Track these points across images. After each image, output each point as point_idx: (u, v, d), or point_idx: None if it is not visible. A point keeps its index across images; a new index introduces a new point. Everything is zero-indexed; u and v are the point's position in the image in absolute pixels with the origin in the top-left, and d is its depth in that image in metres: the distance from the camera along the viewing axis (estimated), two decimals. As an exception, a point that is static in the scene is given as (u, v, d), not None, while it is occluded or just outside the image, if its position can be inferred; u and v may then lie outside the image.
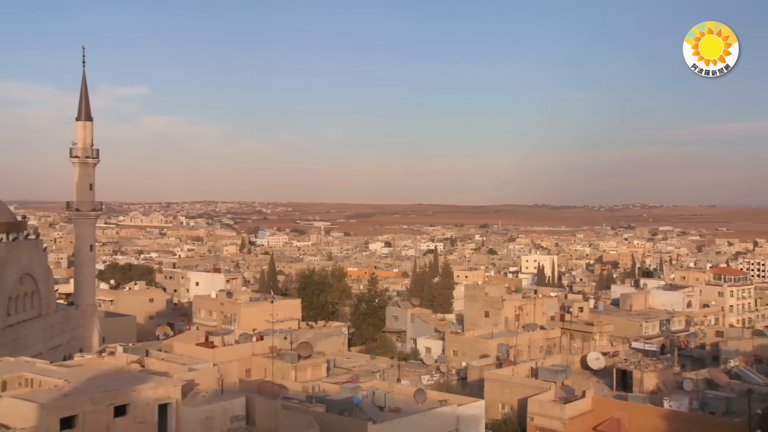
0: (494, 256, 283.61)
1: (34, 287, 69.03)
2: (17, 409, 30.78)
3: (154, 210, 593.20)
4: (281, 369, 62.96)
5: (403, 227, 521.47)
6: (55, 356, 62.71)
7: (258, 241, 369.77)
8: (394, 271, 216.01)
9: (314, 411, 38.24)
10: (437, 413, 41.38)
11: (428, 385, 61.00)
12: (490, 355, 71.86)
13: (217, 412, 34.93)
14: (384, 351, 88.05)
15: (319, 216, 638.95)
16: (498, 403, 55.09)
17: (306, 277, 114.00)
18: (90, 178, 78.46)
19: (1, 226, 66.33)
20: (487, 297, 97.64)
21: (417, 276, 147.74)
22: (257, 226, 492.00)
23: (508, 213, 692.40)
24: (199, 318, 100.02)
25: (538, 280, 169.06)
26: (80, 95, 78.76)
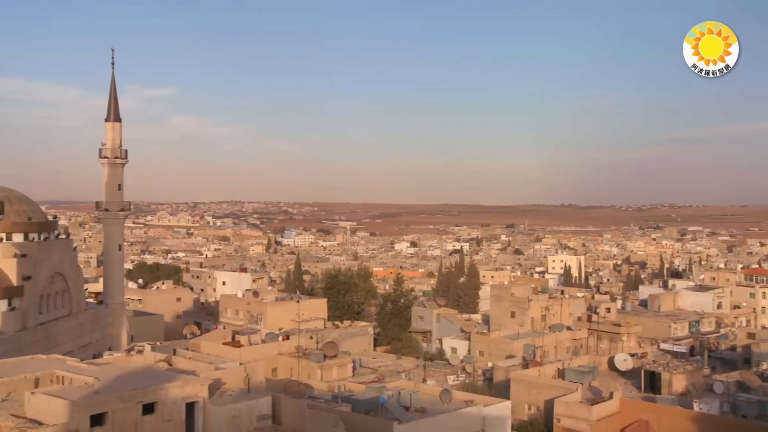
0: (520, 257, 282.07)
1: (64, 286, 70.00)
2: (49, 405, 31.25)
3: (182, 210, 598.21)
4: (307, 368, 63.21)
5: (429, 227, 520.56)
6: (85, 354, 63.54)
7: (284, 241, 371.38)
8: (420, 271, 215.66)
9: (340, 410, 38.32)
10: (463, 414, 41.26)
11: (454, 385, 60.87)
12: (516, 356, 71.50)
13: (244, 411, 35.14)
14: (409, 351, 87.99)
15: (344, 216, 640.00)
16: (524, 403, 54.79)
17: (332, 276, 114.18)
18: (119, 179, 79.33)
19: (33, 226, 67.34)
20: (513, 297, 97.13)
21: (443, 276, 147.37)
22: (283, 226, 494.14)
23: (534, 213, 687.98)
24: (226, 317, 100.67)
25: (564, 280, 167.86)
26: (109, 96, 79.66)
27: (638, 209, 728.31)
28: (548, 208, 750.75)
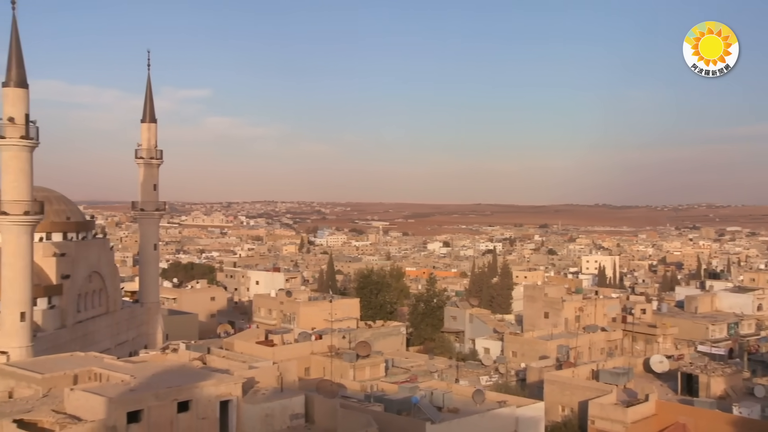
0: (554, 257, 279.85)
1: (101, 285, 71.11)
2: (87, 402, 31.76)
3: (216, 210, 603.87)
4: (340, 368, 63.35)
5: (462, 227, 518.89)
6: (122, 352, 64.46)
7: (317, 241, 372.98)
8: (453, 271, 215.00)
9: (372, 410, 38.35)
10: (496, 414, 41.05)
11: (487, 385, 60.57)
12: (549, 357, 70.92)
13: (277, 410, 35.33)
14: (442, 351, 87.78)
15: (377, 216, 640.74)
16: (558, 405, 54.29)
17: (364, 276, 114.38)
18: (154, 179, 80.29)
19: (72, 226, 68.53)
20: (546, 298, 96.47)
21: (475, 276, 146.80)
22: (316, 225, 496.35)
23: (568, 213, 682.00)
24: (259, 316, 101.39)
25: (598, 281, 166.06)
26: (145, 98, 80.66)
27: (674, 209, 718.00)
28: (582, 208, 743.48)
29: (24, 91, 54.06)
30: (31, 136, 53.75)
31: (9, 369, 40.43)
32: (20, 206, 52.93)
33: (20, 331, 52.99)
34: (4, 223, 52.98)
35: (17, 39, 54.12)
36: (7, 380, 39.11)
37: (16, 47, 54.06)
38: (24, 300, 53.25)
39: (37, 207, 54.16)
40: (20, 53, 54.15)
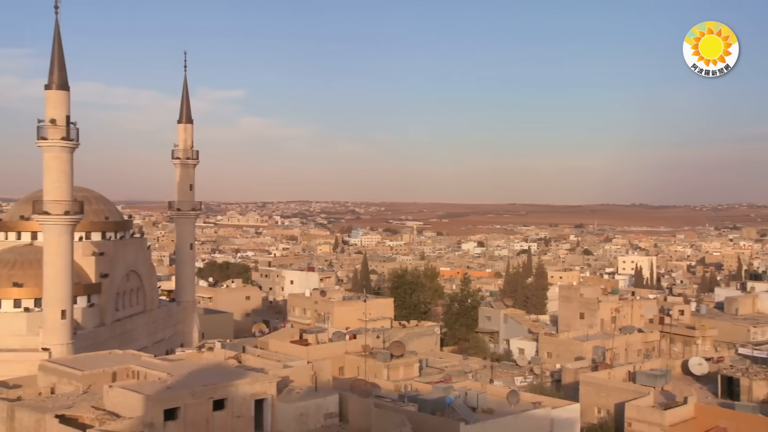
0: (590, 257, 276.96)
1: (139, 284, 72.13)
2: (126, 399, 32.27)
3: (251, 210, 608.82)
4: (374, 367, 63.45)
5: (496, 227, 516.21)
6: (158, 350, 65.31)
7: (351, 241, 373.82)
8: (487, 272, 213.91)
9: (406, 410, 38.37)
10: (531, 415, 40.80)
11: (521, 386, 60.21)
12: (585, 358, 70.25)
13: (311, 409, 35.51)
14: (476, 351, 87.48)
15: (411, 216, 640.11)
16: (594, 406, 53.73)
17: (399, 276, 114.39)
18: (190, 179, 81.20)
19: (110, 225, 69.62)
20: (582, 298, 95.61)
21: (510, 276, 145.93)
22: (350, 225, 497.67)
23: (604, 213, 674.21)
24: (294, 316, 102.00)
25: (635, 281, 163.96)
26: (181, 99, 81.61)
27: (714, 209, 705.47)
28: (618, 208, 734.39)
29: (65, 93, 55.14)
30: (72, 138, 54.81)
31: (51, 366, 41.27)
32: (61, 206, 53.98)
33: (61, 328, 54.05)
34: (46, 222, 54.08)
35: (59, 42, 55.23)
36: (49, 376, 39.94)
37: (59, 50, 55.16)
38: (65, 298, 54.31)
39: (77, 207, 55.17)
40: (62, 56, 55.23)
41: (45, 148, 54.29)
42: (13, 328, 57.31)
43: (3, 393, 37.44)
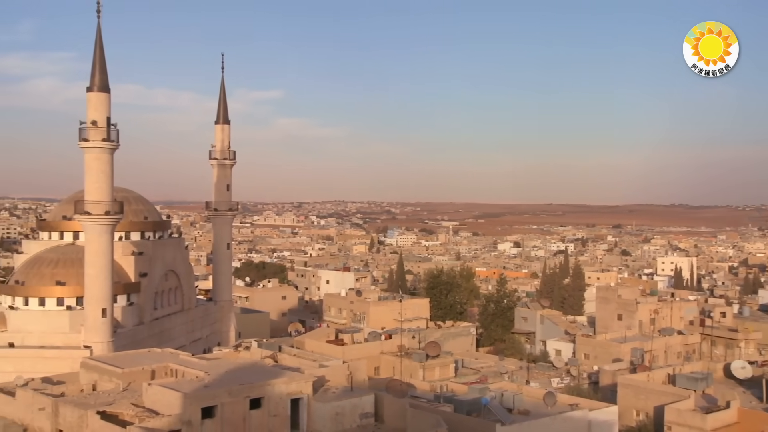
0: (628, 258, 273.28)
1: (177, 283, 73.06)
2: (164, 397, 32.73)
3: (287, 210, 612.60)
4: (409, 368, 63.41)
5: (533, 227, 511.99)
6: (196, 349, 66.10)
7: (387, 241, 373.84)
8: (523, 272, 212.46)
9: (442, 411, 38.30)
10: (568, 417, 40.41)
11: (558, 388, 59.67)
12: (623, 360, 69.39)
13: (347, 409, 35.62)
14: (512, 352, 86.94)
15: (447, 216, 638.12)
16: (632, 409, 53.03)
17: (434, 276, 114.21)
18: (227, 179, 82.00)
19: (149, 225, 70.64)
20: (620, 299, 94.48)
21: (547, 277, 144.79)
22: (386, 225, 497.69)
23: (642, 213, 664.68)
24: (330, 315, 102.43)
25: (675, 282, 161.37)
26: (219, 100, 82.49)
27: (758, 209, 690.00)
28: (657, 208, 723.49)
29: (106, 95, 56.15)
30: (112, 139, 55.79)
31: (93, 363, 42.08)
32: (101, 206, 54.95)
33: (102, 326, 55.04)
34: (87, 222, 55.11)
35: (101, 46, 56.26)
36: (91, 373, 40.73)
37: (100, 53, 56.20)
38: (105, 297, 55.29)
39: (117, 207, 56.12)
40: (103, 59, 56.25)
41: (86, 149, 55.34)
42: (57, 325, 58.50)
43: (47, 389, 38.30)
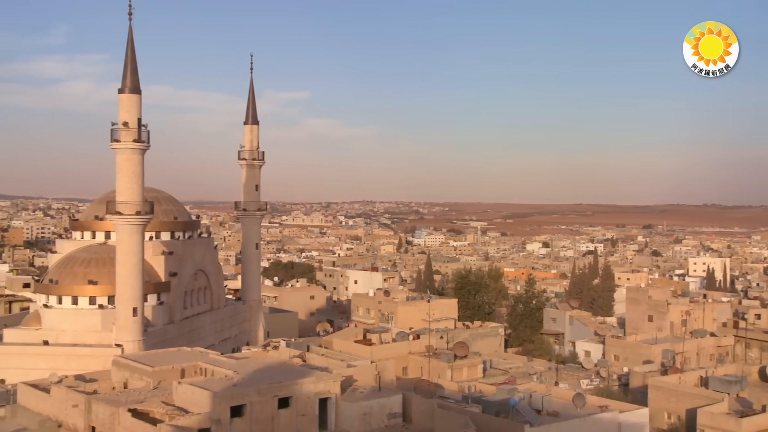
0: (658, 258, 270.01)
1: (206, 282, 73.65)
2: (194, 395, 33.02)
3: (315, 210, 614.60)
4: (437, 368, 63.26)
5: (562, 227, 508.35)
6: (225, 348, 66.54)
7: (415, 241, 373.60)
8: (552, 272, 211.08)
9: (470, 411, 38.15)
10: (598, 419, 40.03)
11: (587, 389, 59.14)
12: (654, 361, 68.60)
13: (375, 409, 35.63)
14: (541, 353, 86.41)
15: (475, 216, 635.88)
16: (663, 412, 52.36)
17: (462, 277, 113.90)
18: (256, 179, 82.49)
19: (179, 225, 71.30)
20: (650, 300, 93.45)
21: (576, 277, 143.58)
22: (414, 225, 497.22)
23: (673, 213, 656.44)
24: (358, 315, 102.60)
25: (707, 284, 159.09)
26: (248, 100, 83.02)
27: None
28: (689, 208, 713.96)
29: (137, 96, 56.80)
30: (143, 140, 56.42)
31: (124, 361, 42.62)
32: (132, 206, 55.60)
33: (133, 325, 55.67)
34: (118, 222, 55.78)
35: (132, 48, 56.94)
36: (122, 371, 41.25)
37: (131, 55, 56.87)
38: (136, 296, 55.92)
39: (147, 207, 56.73)
40: (135, 61, 56.93)
41: (118, 150, 56.03)
42: (89, 324, 59.29)
43: (81, 386, 38.89)
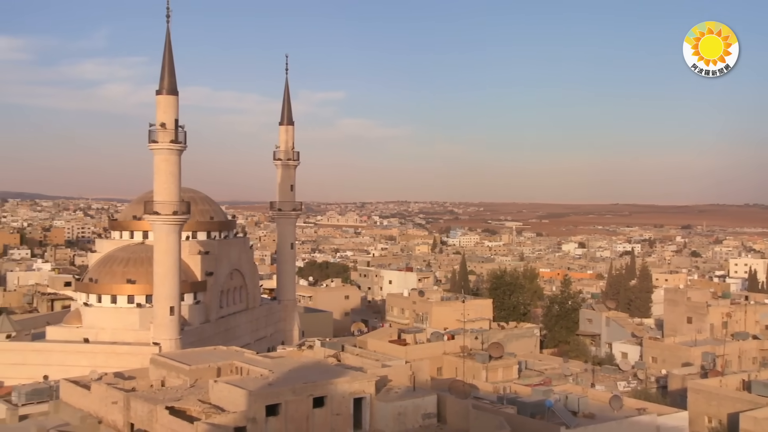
0: (698, 259, 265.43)
1: (242, 282, 74.29)
2: (230, 394, 33.32)
3: (350, 210, 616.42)
4: (472, 369, 63.01)
5: (598, 228, 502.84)
6: (260, 347, 67.02)
7: (449, 241, 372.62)
8: (588, 273, 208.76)
9: (505, 412, 37.91)
10: (635, 422, 39.50)
11: (624, 391, 58.40)
12: (693, 364, 67.42)
13: (410, 409, 35.59)
14: (577, 354, 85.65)
15: (510, 216, 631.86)
16: (703, 416, 51.39)
17: (497, 277, 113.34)
18: (291, 180, 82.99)
19: (215, 225, 72.04)
20: (689, 302, 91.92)
21: (612, 278, 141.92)
22: (449, 225, 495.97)
23: (713, 213, 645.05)
24: (392, 315, 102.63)
25: (749, 285, 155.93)
26: (283, 101, 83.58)
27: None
28: (730, 208, 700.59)
29: (174, 98, 57.52)
30: (180, 140, 57.11)
31: (161, 360, 43.15)
32: (169, 207, 56.29)
33: (170, 324, 56.37)
34: (156, 222, 56.53)
35: (170, 50, 57.69)
36: (159, 370, 41.78)
37: (169, 57, 57.61)
38: (173, 295, 56.60)
39: (184, 207, 57.39)
40: (172, 63, 57.66)
41: (155, 150, 56.79)
42: (127, 322, 60.23)
43: (120, 383, 39.52)
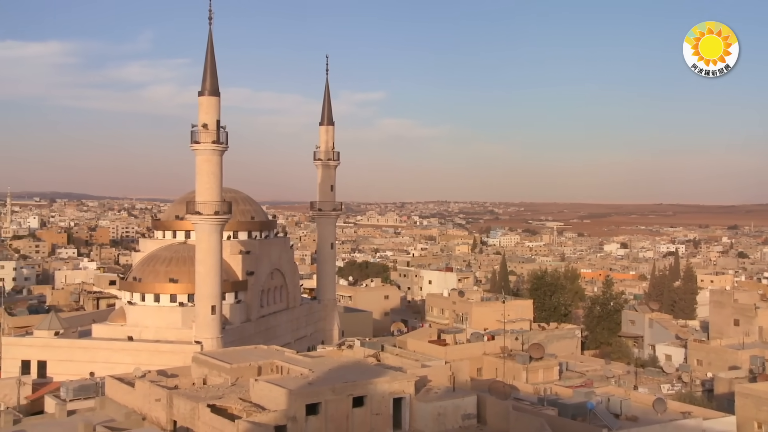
0: (745, 260, 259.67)
1: (282, 282, 74.87)
2: (270, 392, 33.60)
3: (390, 210, 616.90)
4: (512, 369, 62.59)
5: (641, 228, 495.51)
6: (300, 347, 67.46)
7: (490, 241, 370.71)
8: (631, 274, 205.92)
9: (546, 414, 37.58)
10: (680, 425, 38.84)
11: (668, 395, 57.44)
12: (740, 368, 66.02)
13: (449, 409, 35.50)
14: (619, 356, 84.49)
15: (551, 216, 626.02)
16: (752, 421, 50.17)
17: (538, 277, 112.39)
18: (331, 180, 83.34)
19: (256, 225, 72.72)
20: (736, 304, 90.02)
21: (656, 279, 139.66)
22: (489, 225, 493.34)
23: (761, 213, 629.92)
24: (432, 316, 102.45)
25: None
26: (323, 101, 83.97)
27: None
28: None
29: (216, 99, 58.24)
30: (221, 141, 57.79)
31: (203, 358, 43.72)
32: (211, 206, 57.00)
33: (212, 323, 57.07)
34: (198, 222, 57.28)
35: (212, 51, 58.43)
36: (201, 368, 42.33)
37: (211, 59, 58.35)
38: (215, 294, 57.30)
39: (225, 207, 58.07)
40: (214, 64, 58.40)
41: (197, 151, 57.55)
42: (170, 321, 61.13)
43: (163, 381, 40.14)
